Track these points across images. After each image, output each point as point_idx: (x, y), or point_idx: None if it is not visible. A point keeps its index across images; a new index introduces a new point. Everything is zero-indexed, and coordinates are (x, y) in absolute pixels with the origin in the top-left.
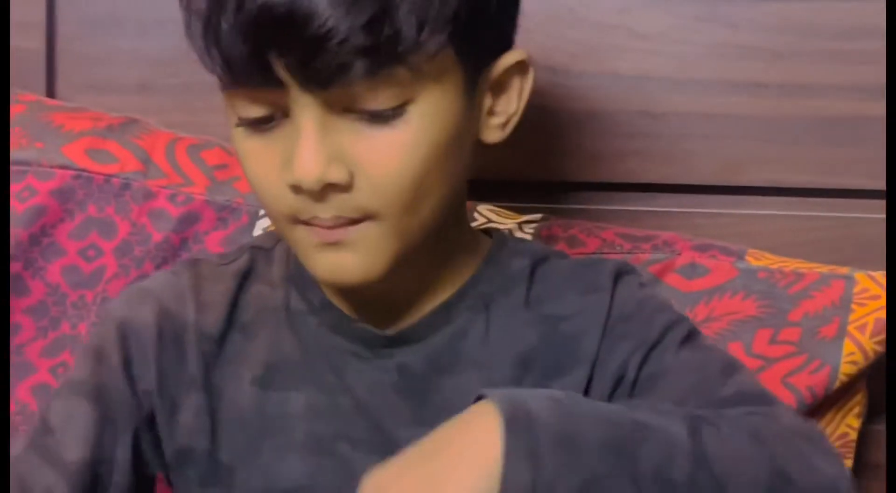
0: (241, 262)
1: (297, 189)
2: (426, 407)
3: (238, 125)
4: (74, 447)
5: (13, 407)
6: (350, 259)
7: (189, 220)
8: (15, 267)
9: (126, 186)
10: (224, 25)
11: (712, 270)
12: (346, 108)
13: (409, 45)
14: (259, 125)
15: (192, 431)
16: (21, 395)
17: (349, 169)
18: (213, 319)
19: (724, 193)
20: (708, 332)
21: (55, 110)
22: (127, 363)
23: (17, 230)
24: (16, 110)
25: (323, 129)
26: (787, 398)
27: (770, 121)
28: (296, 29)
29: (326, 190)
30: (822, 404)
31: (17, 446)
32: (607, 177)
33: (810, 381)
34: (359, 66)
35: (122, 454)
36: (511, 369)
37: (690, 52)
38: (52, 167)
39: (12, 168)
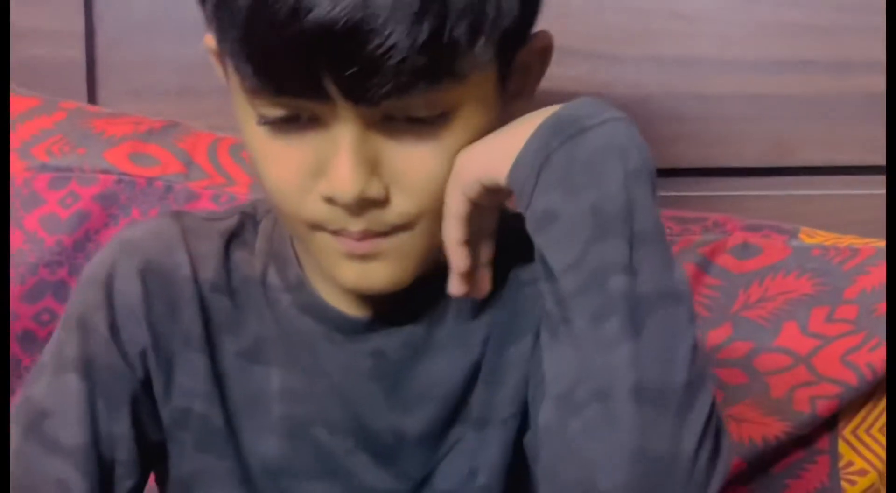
0: (230, 222)
1: (330, 201)
2: (402, 393)
3: (259, 124)
4: (75, 429)
5: None
6: (380, 269)
7: None
8: (60, 273)
9: (169, 188)
10: (270, 38)
11: (765, 249)
12: (387, 116)
13: (465, 59)
14: (284, 125)
15: (189, 392)
16: None
17: (386, 183)
18: (206, 277)
19: (775, 175)
20: (763, 312)
21: (96, 117)
22: (114, 328)
23: (62, 236)
24: (57, 118)
25: (362, 140)
26: (848, 377)
27: (820, 99)
28: (353, 46)
29: (362, 205)
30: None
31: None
32: (657, 163)
33: (870, 358)
34: (417, 84)
35: (122, 429)
36: (480, 346)
37: (734, 33)
38: (94, 172)
39: (55, 175)
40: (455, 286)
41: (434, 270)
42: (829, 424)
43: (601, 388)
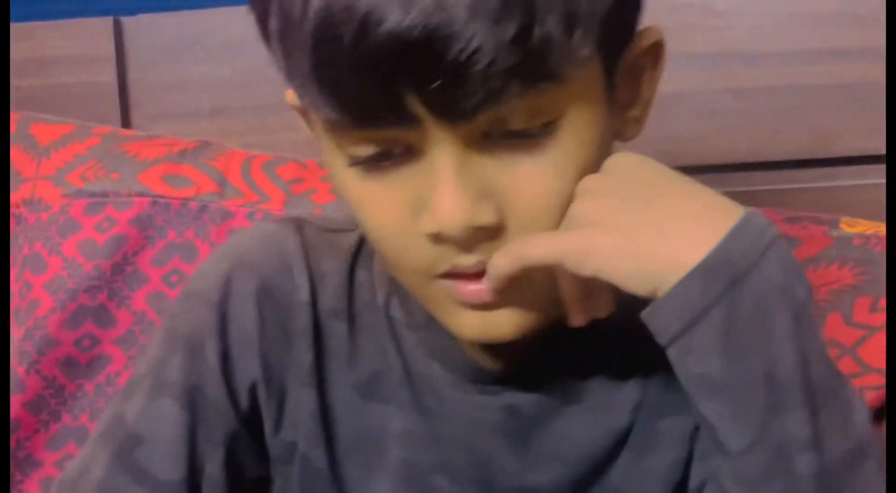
0: (353, 237)
1: (437, 238)
2: (533, 450)
3: (351, 166)
4: (169, 463)
5: None
6: (502, 317)
7: None
8: (100, 299)
9: (204, 208)
10: (341, 60)
11: (805, 241)
12: (486, 133)
13: (561, 54)
14: (376, 163)
15: (296, 427)
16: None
17: (498, 208)
18: (325, 301)
19: (816, 166)
20: None
21: (129, 140)
22: (226, 359)
23: (100, 261)
24: (90, 144)
25: (463, 164)
26: None
27: (857, 87)
28: (434, 55)
29: (473, 236)
30: None
31: (94, 445)
32: (693, 160)
33: None
34: (510, 88)
35: (214, 468)
36: (630, 414)
37: (767, 25)
38: (129, 196)
39: (91, 200)
40: (574, 317)
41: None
42: (878, 415)
43: None
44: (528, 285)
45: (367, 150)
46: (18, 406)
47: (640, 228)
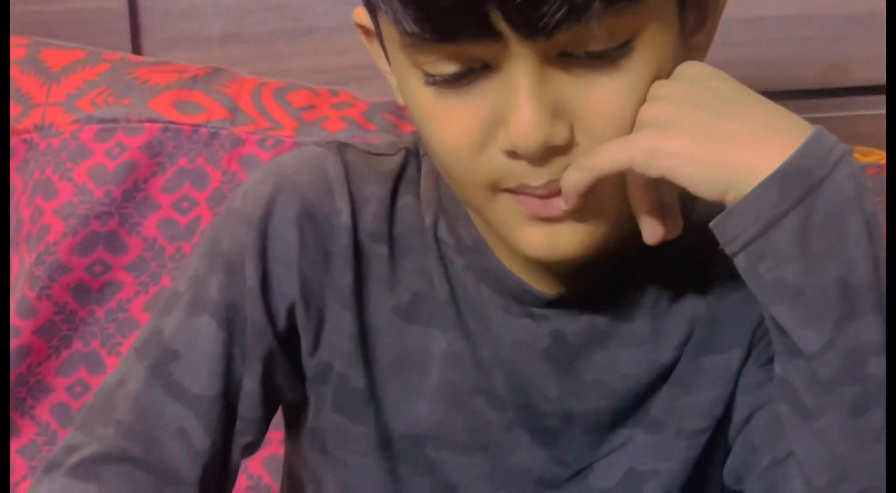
0: (396, 160)
1: (512, 154)
2: (576, 377)
3: (428, 84)
4: (204, 379)
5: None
6: (568, 233)
7: None
8: (111, 225)
9: (215, 134)
10: None
11: None
12: (563, 52)
13: None
14: (454, 80)
15: (333, 348)
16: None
17: (570, 125)
18: (366, 224)
19: (830, 96)
20: None
21: (139, 66)
22: (265, 280)
23: (111, 188)
24: (100, 69)
25: (540, 81)
26: None
27: (873, 16)
28: None
29: (547, 153)
30: None
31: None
32: None
33: None
34: (592, 6)
35: (251, 386)
36: (675, 349)
37: None
38: (140, 122)
39: (101, 126)
40: (649, 232)
41: (626, 250)
42: None
43: (866, 489)
44: (597, 200)
45: (444, 66)
46: (30, 332)
47: (712, 133)
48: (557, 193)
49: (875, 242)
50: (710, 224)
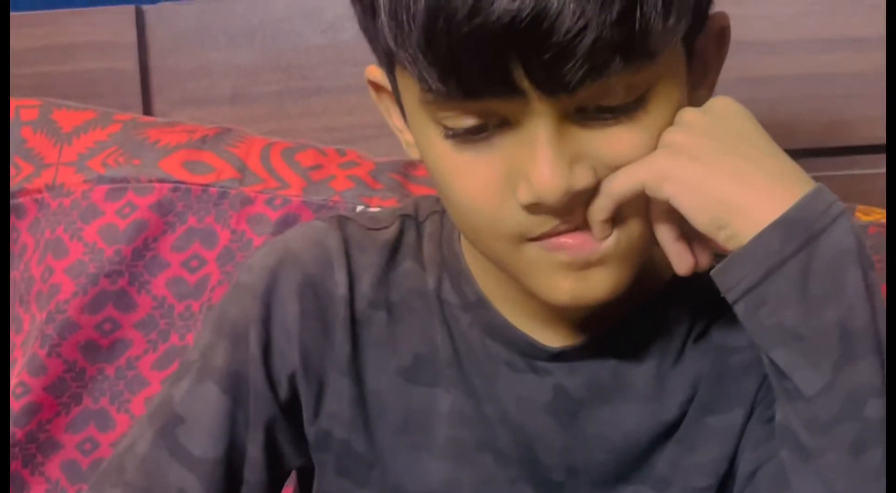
0: (392, 231)
1: (534, 208)
2: (579, 432)
3: (447, 138)
4: (206, 442)
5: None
6: (600, 276)
7: (288, 222)
8: (121, 283)
9: (224, 194)
10: (454, 33)
11: None
12: (580, 107)
13: (658, 35)
14: (472, 135)
15: (333, 416)
16: (136, 409)
17: (591, 167)
18: (362, 293)
19: (831, 155)
20: None
21: (150, 127)
22: (267, 347)
23: (121, 246)
24: (111, 130)
25: (559, 135)
26: None
27: (874, 76)
28: (543, 32)
29: (571, 200)
30: None
31: (139, 429)
32: None
33: None
34: (612, 65)
35: (255, 451)
36: (679, 407)
37: (781, 13)
38: (150, 182)
39: (112, 186)
40: (678, 261)
41: (634, 304)
42: None
43: None
44: (627, 233)
45: (465, 121)
46: (40, 389)
47: (721, 168)
48: (586, 227)
49: (873, 295)
50: (711, 273)
